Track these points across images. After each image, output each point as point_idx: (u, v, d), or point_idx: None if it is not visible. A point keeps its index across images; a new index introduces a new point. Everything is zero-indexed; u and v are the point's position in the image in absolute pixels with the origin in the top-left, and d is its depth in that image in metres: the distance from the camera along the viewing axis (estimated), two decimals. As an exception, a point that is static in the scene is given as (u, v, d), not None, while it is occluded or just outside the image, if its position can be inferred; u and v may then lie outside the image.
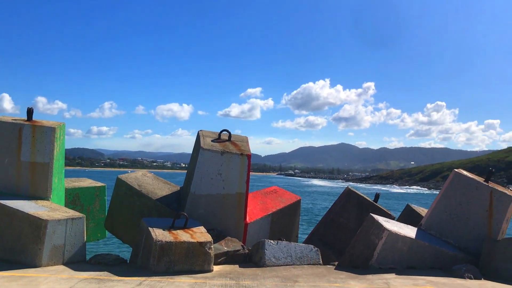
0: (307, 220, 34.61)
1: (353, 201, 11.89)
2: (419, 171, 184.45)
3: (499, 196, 10.00)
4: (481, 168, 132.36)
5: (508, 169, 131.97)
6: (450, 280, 8.41)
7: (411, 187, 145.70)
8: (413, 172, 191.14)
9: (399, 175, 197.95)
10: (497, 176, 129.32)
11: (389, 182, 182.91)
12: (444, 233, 10.17)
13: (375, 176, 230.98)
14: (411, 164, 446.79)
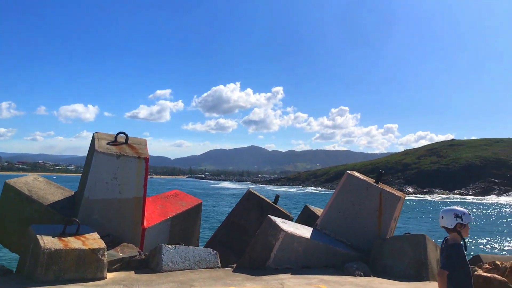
0: (212, 222, 34.61)
1: (253, 203, 12.04)
2: (324, 173, 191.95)
3: (387, 196, 10.62)
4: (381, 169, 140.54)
5: (404, 170, 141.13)
6: (341, 278, 8.76)
7: (317, 188, 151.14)
8: (318, 174, 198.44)
9: (305, 176, 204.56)
10: (395, 177, 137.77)
11: (296, 183, 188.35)
12: (338, 233, 10.61)
13: (283, 178, 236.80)
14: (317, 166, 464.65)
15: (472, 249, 25.43)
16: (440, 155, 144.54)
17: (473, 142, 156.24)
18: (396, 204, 10.62)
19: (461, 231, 4.68)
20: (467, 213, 4.70)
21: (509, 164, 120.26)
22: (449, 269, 4.48)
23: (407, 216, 49.39)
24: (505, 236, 34.70)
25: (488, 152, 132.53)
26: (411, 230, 30.95)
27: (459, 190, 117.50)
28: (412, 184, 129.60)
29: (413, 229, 32.64)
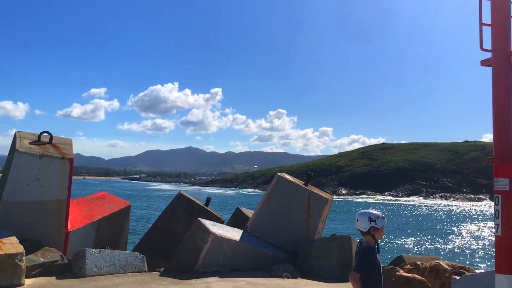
0: (143, 225, 33.94)
1: (183, 206, 11.90)
2: (262, 174, 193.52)
3: (315, 198, 10.85)
4: (316, 171, 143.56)
5: (338, 173, 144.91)
6: (269, 280, 8.84)
7: (254, 190, 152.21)
8: (256, 175, 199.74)
9: (243, 178, 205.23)
10: (329, 179, 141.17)
11: (233, 185, 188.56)
12: (267, 234, 10.70)
13: (221, 179, 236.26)
14: (255, 167, 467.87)
15: (396, 249, 26.49)
16: (371, 158, 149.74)
17: (402, 146, 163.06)
18: (324, 206, 10.87)
19: (375, 234, 4.76)
20: (381, 216, 4.78)
21: (435, 167, 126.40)
22: (360, 272, 4.61)
23: (339, 217, 50.79)
24: (428, 236, 36.43)
25: (416, 155, 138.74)
26: (341, 231, 31.86)
27: (389, 192, 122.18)
28: (345, 185, 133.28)
29: (342, 230, 33.59)
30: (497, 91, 4.61)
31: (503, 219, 4.45)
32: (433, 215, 62.45)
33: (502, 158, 4.56)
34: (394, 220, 49.18)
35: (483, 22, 4.55)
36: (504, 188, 4.48)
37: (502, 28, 4.55)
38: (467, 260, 23.84)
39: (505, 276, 4.37)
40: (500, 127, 4.57)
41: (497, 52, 4.59)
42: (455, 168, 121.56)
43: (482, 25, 4.57)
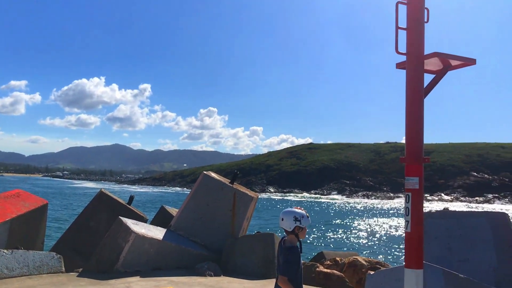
0: (63, 224, 32.53)
1: (105, 204, 11.51)
2: (191, 173, 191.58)
3: (241, 196, 10.87)
4: (245, 170, 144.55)
5: (267, 171, 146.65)
6: (191, 278, 8.74)
7: (183, 189, 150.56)
8: (185, 174, 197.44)
9: (171, 176, 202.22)
10: (259, 177, 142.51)
11: (161, 183, 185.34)
12: (192, 233, 10.58)
13: (148, 178, 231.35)
14: (184, 166, 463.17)
15: (318, 246, 27.16)
16: (299, 158, 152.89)
17: (328, 146, 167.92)
18: (249, 204, 10.91)
19: (299, 234, 4.75)
20: (306, 216, 4.76)
21: (359, 167, 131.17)
22: (288, 275, 4.60)
23: (265, 215, 51.42)
24: (349, 233, 37.74)
25: (341, 155, 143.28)
26: (266, 228, 32.23)
27: (315, 190, 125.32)
28: (274, 184, 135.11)
29: (267, 228, 34.00)
30: (410, 93, 4.79)
31: (412, 216, 4.62)
32: (354, 212, 64.79)
33: (413, 158, 4.73)
34: (318, 217, 50.50)
35: (399, 26, 4.71)
36: (414, 186, 4.66)
37: (416, 32, 4.72)
38: (384, 256, 24.88)
39: (413, 271, 4.54)
40: (412, 128, 4.75)
41: (411, 56, 4.76)
42: (376, 168, 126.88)
43: (398, 29, 4.73)
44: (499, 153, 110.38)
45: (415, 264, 4.55)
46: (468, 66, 5.02)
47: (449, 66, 4.94)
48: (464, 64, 4.92)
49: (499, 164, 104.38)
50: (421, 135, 4.69)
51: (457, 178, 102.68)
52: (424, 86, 4.76)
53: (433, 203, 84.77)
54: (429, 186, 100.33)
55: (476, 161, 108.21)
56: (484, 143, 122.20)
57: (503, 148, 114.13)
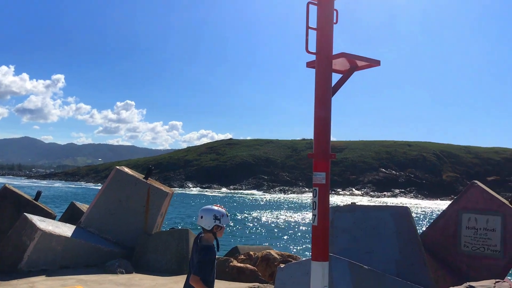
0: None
1: (9, 200, 10.81)
2: (106, 168, 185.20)
3: (155, 192, 10.68)
4: (164, 166, 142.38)
5: (186, 167, 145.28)
6: (101, 276, 8.47)
7: (97, 184, 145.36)
8: (100, 169, 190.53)
9: (85, 171, 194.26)
10: (177, 173, 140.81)
11: (75, 179, 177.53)
12: (103, 230, 10.25)
13: (61, 172, 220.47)
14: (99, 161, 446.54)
15: (234, 240, 27.36)
16: (219, 153, 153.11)
17: (248, 142, 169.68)
18: (163, 199, 10.75)
19: (217, 232, 4.67)
20: (226, 215, 4.69)
21: (276, 162, 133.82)
22: (201, 275, 4.51)
23: (181, 210, 51.01)
24: (264, 227, 38.39)
25: (260, 151, 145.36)
26: (181, 224, 31.99)
27: (234, 186, 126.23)
28: (192, 179, 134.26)
29: (183, 224, 33.75)
30: (319, 92, 4.91)
31: (319, 210, 4.76)
32: (271, 207, 66.01)
33: (320, 154, 4.87)
34: (235, 212, 50.90)
35: (309, 25, 4.83)
36: (321, 181, 4.80)
37: (325, 32, 4.85)
38: (298, 249, 25.55)
39: (319, 263, 4.69)
40: (320, 126, 4.88)
41: (320, 55, 4.89)
42: (293, 164, 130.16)
43: (308, 29, 4.84)
44: (406, 150, 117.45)
45: (321, 256, 4.69)
46: (374, 67, 5.25)
47: (355, 66, 5.14)
48: (370, 65, 5.14)
49: (406, 161, 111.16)
50: (328, 132, 4.84)
51: (367, 174, 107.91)
52: (332, 85, 4.93)
53: (345, 197, 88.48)
54: (341, 181, 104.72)
55: (385, 158, 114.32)
56: (392, 141, 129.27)
57: (410, 146, 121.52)
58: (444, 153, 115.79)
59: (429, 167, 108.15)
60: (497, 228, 8.60)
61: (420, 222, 39.64)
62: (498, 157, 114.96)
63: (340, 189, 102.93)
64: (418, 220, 44.34)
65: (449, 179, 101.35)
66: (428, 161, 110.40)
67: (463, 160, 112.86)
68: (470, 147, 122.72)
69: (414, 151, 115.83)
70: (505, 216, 8.61)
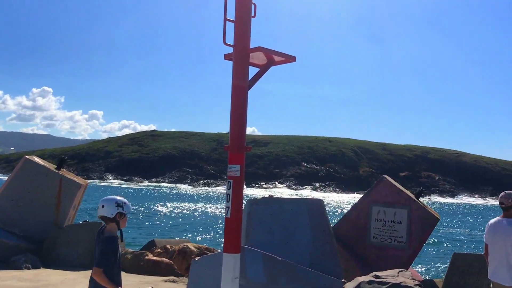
0: None
1: None
2: (19, 157, 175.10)
3: (68, 183, 10.23)
4: (82, 156, 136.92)
5: (106, 158, 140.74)
6: (5, 273, 8.00)
7: (7, 174, 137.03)
8: (11, 159, 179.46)
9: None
10: (96, 164, 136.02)
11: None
12: (9, 223, 9.66)
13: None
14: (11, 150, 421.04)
15: (152, 234, 26.87)
16: (141, 145, 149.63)
17: (172, 133, 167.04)
18: (76, 191, 10.32)
19: (120, 221, 4.55)
20: (127, 203, 4.62)
21: (201, 155, 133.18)
22: (103, 266, 4.36)
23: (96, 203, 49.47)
24: (185, 220, 38.13)
25: (184, 143, 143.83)
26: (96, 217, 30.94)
27: (157, 178, 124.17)
28: (113, 171, 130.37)
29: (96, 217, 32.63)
30: (236, 85, 4.92)
31: (233, 202, 4.77)
32: (194, 200, 65.69)
33: (236, 146, 4.88)
34: (155, 205, 50.18)
35: (227, 18, 4.80)
36: (236, 173, 4.81)
37: (243, 25, 4.85)
38: (217, 242, 25.54)
39: (231, 255, 4.70)
40: (236, 118, 4.89)
41: (238, 48, 4.88)
42: (218, 157, 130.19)
43: (226, 21, 4.82)
44: (326, 146, 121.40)
45: (233, 248, 4.71)
46: (290, 63, 5.34)
47: (272, 61, 5.20)
48: (286, 61, 5.22)
49: (326, 156, 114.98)
50: (244, 125, 4.85)
51: (290, 168, 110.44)
52: (249, 78, 4.95)
53: (267, 191, 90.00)
54: (265, 175, 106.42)
55: (307, 153, 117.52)
56: (314, 137, 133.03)
57: (330, 142, 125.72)
58: (361, 149, 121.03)
59: (347, 162, 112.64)
60: (403, 221, 9.12)
61: (336, 215, 41.20)
62: (410, 154, 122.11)
63: (263, 182, 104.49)
64: (335, 213, 46.09)
65: (365, 174, 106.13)
66: (347, 157, 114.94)
67: (378, 156, 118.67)
68: (385, 144, 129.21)
69: (334, 147, 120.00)
70: (411, 210, 9.16)
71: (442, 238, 33.29)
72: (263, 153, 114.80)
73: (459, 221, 51.53)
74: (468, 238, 34.94)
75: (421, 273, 17.15)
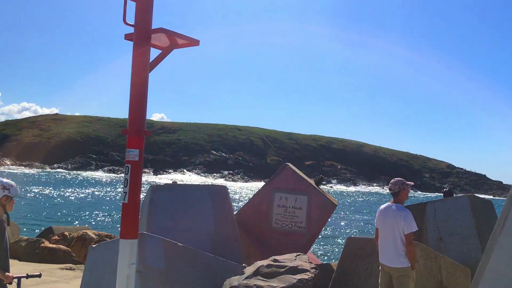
0: None
1: None
2: None
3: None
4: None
5: (4, 142, 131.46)
6: None
7: None
8: None
9: None
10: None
11: None
12: None
13: None
14: None
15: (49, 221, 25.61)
16: (43, 129, 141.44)
17: (76, 118, 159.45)
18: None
19: (6, 204, 4.41)
20: (15, 185, 4.48)
21: (107, 141, 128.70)
22: None
23: None
24: (84, 207, 36.74)
25: (88, 128, 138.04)
26: None
27: (59, 164, 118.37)
28: (11, 156, 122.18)
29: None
30: (136, 66, 4.78)
31: (131, 187, 4.66)
32: (97, 186, 63.50)
33: (135, 130, 4.76)
34: (53, 191, 47.83)
35: (128, -4, 4.64)
36: (135, 158, 4.70)
37: (145, 4, 4.71)
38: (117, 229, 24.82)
39: (128, 241, 4.60)
40: (135, 101, 4.76)
41: (139, 28, 4.74)
42: (124, 143, 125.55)
43: (126, -1, 4.65)
44: (236, 134, 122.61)
45: (130, 234, 4.61)
46: (194, 46, 5.27)
47: (175, 44, 5.11)
48: (189, 44, 5.15)
49: (235, 144, 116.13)
50: (144, 108, 4.74)
51: (199, 156, 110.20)
52: (151, 60, 4.84)
53: (176, 177, 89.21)
54: (174, 162, 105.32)
55: (217, 141, 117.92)
56: (224, 125, 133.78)
57: (239, 130, 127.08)
58: (269, 138, 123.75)
59: (256, 151, 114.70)
60: (303, 207, 9.46)
61: (242, 202, 41.90)
62: (315, 143, 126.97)
63: (172, 169, 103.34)
64: (241, 200, 46.82)
65: (273, 162, 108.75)
66: (255, 145, 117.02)
67: (285, 145, 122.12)
68: (292, 133, 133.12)
69: (243, 135, 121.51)
70: (311, 196, 9.52)
71: (341, 223, 35.14)
72: (172, 140, 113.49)
73: (357, 207, 54.60)
74: (365, 223, 37.19)
75: (321, 257, 17.98)
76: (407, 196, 5.90)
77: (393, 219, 5.67)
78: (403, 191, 5.77)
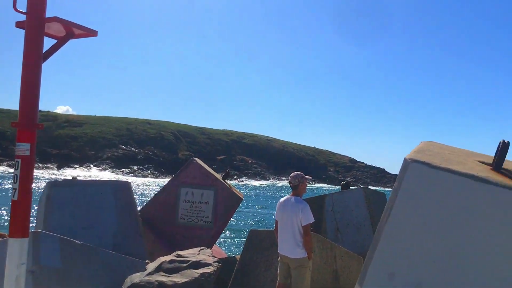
0: None
1: None
2: None
3: None
4: None
5: None
6: None
7: None
8: None
9: None
10: None
11: None
12: None
13: None
14: None
15: None
16: None
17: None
18: None
19: None
20: None
21: (6, 135, 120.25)
22: None
23: None
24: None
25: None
26: None
27: None
28: None
29: None
30: (28, 56, 4.57)
31: (21, 183, 4.46)
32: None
33: (26, 123, 4.57)
34: None
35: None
36: (25, 153, 4.50)
37: (38, -9, 4.51)
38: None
39: (17, 240, 4.40)
40: (27, 92, 4.56)
41: (31, 16, 4.54)
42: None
43: (18, -15, 4.43)
44: (146, 128, 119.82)
45: (20, 233, 4.41)
46: (91, 37, 5.13)
47: (72, 33, 4.93)
48: (86, 34, 5.00)
49: (145, 138, 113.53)
50: (36, 100, 4.54)
51: (107, 150, 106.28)
52: (44, 50, 4.64)
53: (83, 173, 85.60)
54: (79, 157, 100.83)
55: (125, 135, 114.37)
56: (133, 119, 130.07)
57: (150, 124, 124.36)
58: (180, 132, 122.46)
59: (167, 145, 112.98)
60: (210, 201, 9.51)
61: (149, 197, 41.13)
62: (227, 138, 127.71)
63: (77, 165, 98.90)
64: (148, 196, 45.93)
65: (184, 157, 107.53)
66: (166, 140, 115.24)
67: (197, 140, 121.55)
68: (204, 128, 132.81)
69: (154, 130, 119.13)
70: (217, 190, 9.60)
71: (248, 217, 35.74)
72: (78, 134, 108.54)
73: (265, 201, 55.78)
74: (270, 216, 38.13)
75: (228, 250, 18.17)
76: (306, 189, 6.14)
77: (292, 211, 5.88)
78: (302, 185, 6.01)
